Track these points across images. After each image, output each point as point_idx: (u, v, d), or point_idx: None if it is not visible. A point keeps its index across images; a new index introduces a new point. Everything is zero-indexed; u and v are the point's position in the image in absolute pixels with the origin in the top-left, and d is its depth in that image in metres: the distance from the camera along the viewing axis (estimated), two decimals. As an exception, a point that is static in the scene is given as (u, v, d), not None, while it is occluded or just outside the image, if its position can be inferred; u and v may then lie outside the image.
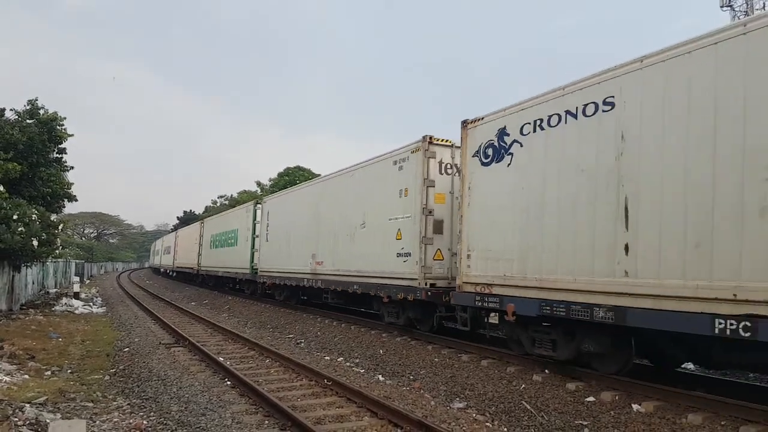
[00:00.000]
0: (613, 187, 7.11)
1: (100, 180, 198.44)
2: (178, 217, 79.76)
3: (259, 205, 23.58)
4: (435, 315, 11.27)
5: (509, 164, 8.99)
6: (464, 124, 10.20)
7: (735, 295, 5.65)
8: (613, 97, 7.26)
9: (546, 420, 6.84)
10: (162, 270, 53.83)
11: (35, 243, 16.25)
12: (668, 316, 6.29)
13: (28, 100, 20.03)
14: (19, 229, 15.63)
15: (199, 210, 73.22)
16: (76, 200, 22.85)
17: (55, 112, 20.11)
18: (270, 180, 52.25)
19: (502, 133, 9.17)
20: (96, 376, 9.25)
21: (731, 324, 5.60)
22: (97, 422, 6.52)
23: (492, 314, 9.47)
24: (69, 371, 9.57)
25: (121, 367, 9.99)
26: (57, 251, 20.42)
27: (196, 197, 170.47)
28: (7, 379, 8.32)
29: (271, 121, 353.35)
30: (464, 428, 6.64)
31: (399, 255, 12.04)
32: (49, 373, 9.31)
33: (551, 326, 8.40)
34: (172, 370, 9.69)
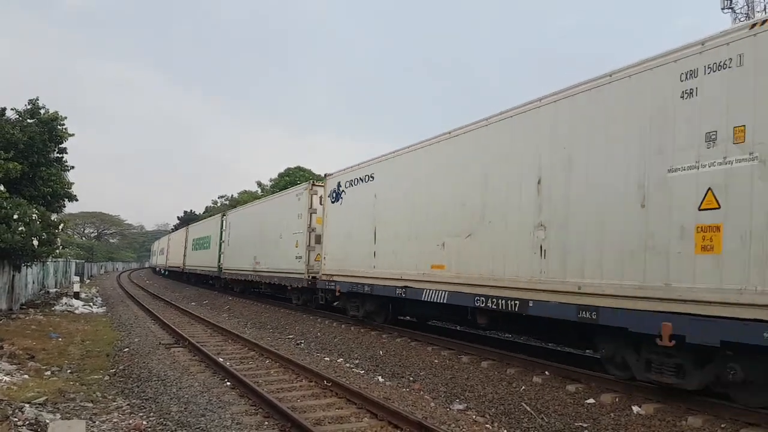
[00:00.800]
0: (372, 222, 13.29)
1: (101, 180, 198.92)
2: (178, 217, 79.73)
3: (225, 217, 29.08)
4: (314, 296, 17.17)
5: (341, 204, 15.22)
6: (325, 175, 16.41)
7: (401, 276, 11.75)
8: (374, 173, 13.51)
9: (546, 422, 6.84)
10: (157, 269, 58.47)
11: (35, 243, 16.24)
12: (385, 289, 12.44)
13: (29, 100, 20.01)
14: (20, 228, 15.61)
15: (199, 210, 73.20)
16: (77, 200, 22.86)
17: (56, 112, 20.10)
18: (270, 180, 52.19)
19: (338, 185, 15.36)
20: (96, 377, 9.25)
21: (401, 290, 11.72)
22: (97, 422, 6.52)
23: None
24: (69, 371, 9.56)
25: (120, 368, 9.98)
26: (57, 251, 20.39)
27: (197, 197, 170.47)
28: (6, 378, 8.32)
29: (271, 121, 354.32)
30: (464, 430, 6.63)
31: (296, 257, 18.11)
32: (48, 373, 9.30)
33: (356, 298, 14.31)
34: (171, 370, 9.69)
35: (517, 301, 8.35)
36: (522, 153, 8.66)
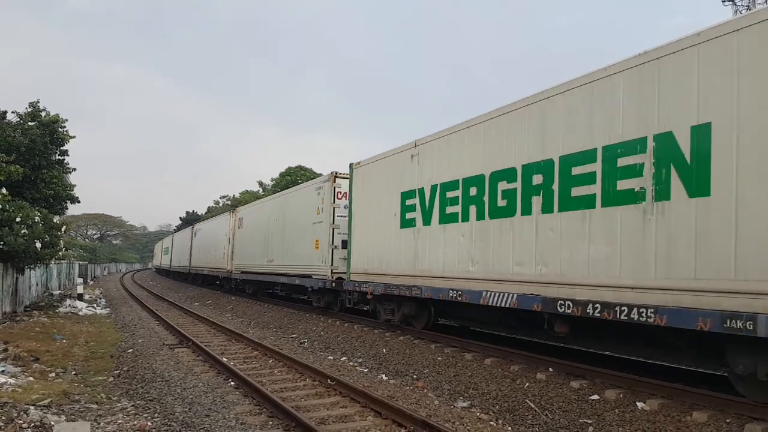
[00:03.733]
0: (205, 244, 34.19)
1: (103, 181, 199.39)
2: (180, 218, 79.89)
3: (173, 235, 52.29)
4: (191, 276, 39.53)
5: (196, 237, 36.90)
6: (193, 225, 41.62)
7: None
8: (199, 229, 37.29)
9: (550, 418, 6.83)
10: (153, 269, 76.08)
11: (38, 245, 16.27)
12: (202, 270, 34.18)
13: (30, 103, 20.07)
14: (23, 231, 15.64)
15: (201, 210, 73.37)
16: (79, 202, 22.98)
17: (57, 114, 20.16)
18: (272, 180, 52.26)
19: (197, 229, 38.25)
20: (100, 378, 9.27)
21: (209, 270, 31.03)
22: (102, 424, 6.53)
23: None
24: (73, 373, 9.58)
25: (125, 369, 10.00)
26: (60, 253, 20.44)
27: (200, 197, 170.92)
28: (11, 381, 8.34)
29: (274, 121, 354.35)
30: (468, 427, 6.63)
31: (187, 259, 39.70)
32: (53, 374, 9.32)
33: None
34: (175, 371, 9.70)
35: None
36: (221, 229, 29.05)
